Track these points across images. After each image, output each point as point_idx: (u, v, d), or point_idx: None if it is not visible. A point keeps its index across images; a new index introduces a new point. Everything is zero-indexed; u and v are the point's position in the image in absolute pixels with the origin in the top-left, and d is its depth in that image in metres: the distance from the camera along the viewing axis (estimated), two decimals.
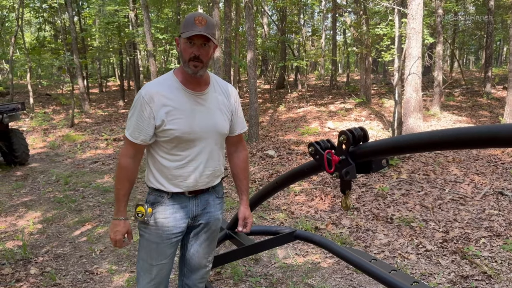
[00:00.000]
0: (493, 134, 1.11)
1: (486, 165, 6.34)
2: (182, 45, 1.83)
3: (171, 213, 1.97)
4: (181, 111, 1.86)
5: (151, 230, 1.97)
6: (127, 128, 1.92)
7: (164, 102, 1.84)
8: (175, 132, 1.85)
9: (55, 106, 16.80)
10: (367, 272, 2.28)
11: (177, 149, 1.91)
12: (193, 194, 2.00)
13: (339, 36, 27.53)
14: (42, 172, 7.66)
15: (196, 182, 1.97)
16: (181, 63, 1.90)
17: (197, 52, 1.80)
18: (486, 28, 15.85)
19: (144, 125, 1.85)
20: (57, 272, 3.66)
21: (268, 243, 2.82)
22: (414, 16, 7.41)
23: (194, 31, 1.76)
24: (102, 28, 16.06)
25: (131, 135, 1.88)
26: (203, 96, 1.93)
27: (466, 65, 35.50)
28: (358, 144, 1.67)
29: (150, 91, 1.85)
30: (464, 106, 12.59)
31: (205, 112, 1.93)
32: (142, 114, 1.84)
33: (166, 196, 1.97)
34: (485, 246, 3.89)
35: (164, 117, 1.83)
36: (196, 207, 2.03)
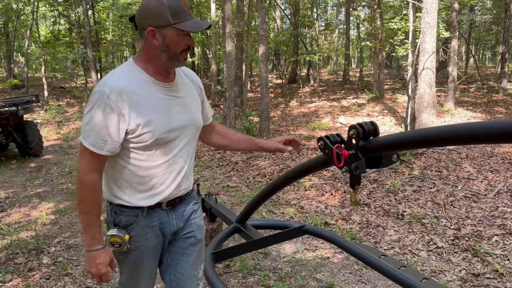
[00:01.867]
0: (504, 129, 1.08)
1: (500, 162, 6.23)
2: (172, 37, 1.54)
3: (151, 231, 1.70)
4: (155, 109, 1.57)
5: (133, 255, 1.70)
6: (85, 136, 1.53)
7: (135, 99, 1.52)
8: (153, 134, 1.56)
9: (69, 99, 17.00)
10: (376, 268, 2.27)
11: (154, 154, 1.62)
12: (170, 205, 1.73)
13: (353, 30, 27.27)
14: (55, 164, 7.77)
15: (177, 189, 1.71)
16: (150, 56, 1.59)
17: (191, 43, 1.60)
18: (502, 23, 15.52)
19: (111, 131, 1.50)
20: (69, 262, 3.71)
21: (277, 237, 2.82)
22: (429, 10, 7.29)
23: (196, 22, 1.56)
24: (116, 22, 16.16)
25: (94, 144, 1.51)
26: (173, 87, 1.66)
27: (482, 61, 34.90)
28: (369, 138, 1.66)
29: (115, 88, 1.50)
30: (479, 102, 12.39)
31: (180, 105, 1.67)
32: (108, 117, 1.49)
33: (141, 214, 1.66)
34: (498, 244, 3.84)
35: (138, 119, 1.53)
36: (177, 221, 1.76)
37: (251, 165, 7.15)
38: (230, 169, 7.06)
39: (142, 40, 1.59)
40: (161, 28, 1.53)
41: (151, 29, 1.53)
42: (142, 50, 1.61)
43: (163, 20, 1.51)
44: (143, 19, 1.55)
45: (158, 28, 1.53)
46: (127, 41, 19.46)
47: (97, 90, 1.51)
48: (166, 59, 1.58)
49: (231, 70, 9.40)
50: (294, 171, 2.28)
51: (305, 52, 17.27)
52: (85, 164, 1.55)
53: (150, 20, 1.53)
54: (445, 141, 1.40)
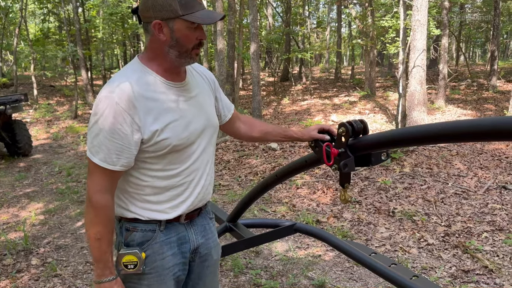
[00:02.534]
0: (491, 127, 1.08)
1: (490, 159, 6.28)
2: (182, 31, 1.36)
3: (169, 249, 1.50)
4: (171, 112, 1.41)
5: (150, 279, 1.49)
6: (94, 152, 1.34)
7: (148, 105, 1.36)
8: (171, 140, 1.39)
9: (59, 98, 16.83)
10: (367, 266, 2.27)
11: (171, 162, 1.45)
12: (188, 219, 1.56)
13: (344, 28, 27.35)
14: (45, 163, 7.69)
15: (197, 199, 1.54)
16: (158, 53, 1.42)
17: (203, 36, 1.41)
18: (492, 21, 15.66)
19: (125, 143, 1.33)
20: (58, 263, 3.67)
21: (268, 236, 2.81)
22: (419, 8, 7.32)
23: (208, 12, 1.37)
24: (106, 19, 16.03)
25: (106, 160, 1.33)
26: (186, 86, 1.49)
27: (472, 59, 35.21)
28: (358, 136, 1.65)
29: (126, 93, 1.32)
30: (469, 100, 12.48)
31: (194, 105, 1.50)
32: (121, 127, 1.31)
33: (158, 228, 1.48)
34: (487, 240, 3.87)
35: (154, 126, 1.36)
36: (196, 236, 1.58)
37: (243, 163, 7.13)
38: (222, 167, 7.04)
39: (148, 35, 1.41)
40: (169, 21, 1.34)
41: (158, 22, 1.35)
42: (149, 46, 1.43)
43: (171, 12, 1.32)
44: (148, 10, 1.35)
45: (166, 20, 1.34)
46: (117, 39, 19.29)
47: (103, 97, 1.32)
48: (176, 56, 1.40)
49: (223, 68, 9.37)
50: (284, 169, 2.27)
51: (297, 50, 17.28)
52: (96, 183, 1.35)
53: (156, 12, 1.34)
54: (433, 139, 1.40)
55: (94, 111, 1.34)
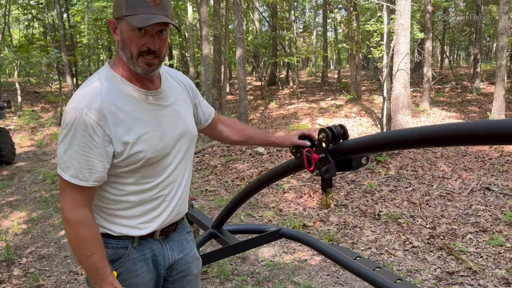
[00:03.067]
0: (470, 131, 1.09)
1: (474, 161, 6.37)
2: (127, 33, 1.26)
3: (143, 265, 1.43)
4: (144, 123, 1.32)
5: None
6: (64, 168, 1.25)
7: (119, 115, 1.27)
8: (145, 153, 1.31)
9: (43, 104, 16.62)
10: (351, 270, 2.27)
11: (144, 175, 1.36)
12: (164, 235, 1.48)
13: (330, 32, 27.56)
14: (28, 171, 7.57)
15: (172, 213, 1.47)
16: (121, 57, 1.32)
17: (153, 45, 1.27)
18: (475, 24, 15.93)
19: (97, 156, 1.24)
20: (41, 273, 3.60)
21: (254, 241, 2.79)
22: (402, 12, 7.41)
23: (149, 15, 1.22)
24: (91, 25, 15.91)
25: (77, 176, 1.24)
26: (160, 94, 1.40)
27: (456, 61, 35.73)
28: (338, 142, 1.65)
29: (94, 103, 1.23)
30: (453, 102, 12.66)
31: (170, 114, 1.42)
32: (91, 141, 1.23)
33: (131, 245, 1.40)
34: (471, 241, 3.91)
35: (126, 138, 1.28)
36: (172, 252, 1.51)
37: (229, 168, 7.11)
38: (209, 172, 7.01)
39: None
40: (119, 20, 1.27)
41: (111, 20, 1.30)
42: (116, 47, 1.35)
43: (119, 10, 1.26)
44: (113, 10, 1.33)
45: (117, 20, 1.28)
46: (103, 44, 19.15)
47: (71, 108, 1.23)
48: (126, 60, 1.31)
49: (209, 73, 9.35)
50: (267, 175, 2.26)
51: (284, 54, 17.34)
52: (68, 200, 1.27)
53: (114, 10, 1.31)
54: (412, 143, 1.41)
55: (63, 124, 1.25)
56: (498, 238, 3.86)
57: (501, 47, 8.69)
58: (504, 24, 8.62)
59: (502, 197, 4.94)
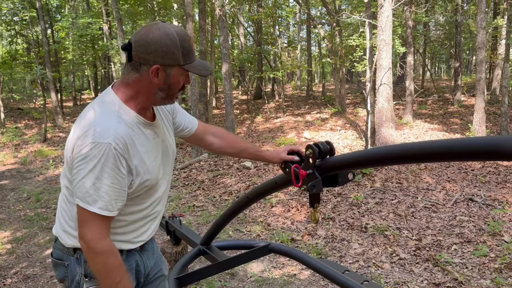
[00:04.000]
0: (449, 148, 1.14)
1: (457, 172, 6.50)
2: (177, 77, 1.39)
3: (130, 275, 1.53)
4: (149, 155, 1.44)
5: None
6: (91, 201, 1.29)
7: (136, 148, 1.38)
8: (151, 181, 1.45)
9: (27, 121, 16.40)
10: (340, 284, 2.29)
11: (142, 197, 1.48)
12: (140, 247, 1.60)
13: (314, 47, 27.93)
14: (12, 190, 7.45)
15: (155, 229, 1.63)
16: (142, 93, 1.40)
17: (188, 82, 1.45)
18: (454, 38, 16.37)
19: (122, 187, 1.34)
20: None
21: (242, 257, 2.80)
22: (384, 28, 7.60)
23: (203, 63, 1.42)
24: (76, 41, 15.87)
25: (107, 208, 1.30)
26: (156, 123, 1.52)
27: (437, 74, 36.51)
28: (325, 158, 1.70)
29: (120, 136, 1.31)
30: (436, 114, 12.91)
31: (165, 143, 1.56)
32: (119, 172, 1.31)
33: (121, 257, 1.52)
34: (457, 252, 3.98)
35: (139, 169, 1.39)
36: (149, 261, 1.66)
37: (217, 183, 7.11)
38: (196, 188, 7.00)
39: (136, 74, 1.37)
40: (169, 67, 1.36)
41: (157, 67, 1.34)
42: (132, 84, 1.39)
43: (173, 59, 1.35)
44: (149, 54, 1.33)
45: (165, 66, 1.35)
46: (88, 60, 19.09)
47: (97, 144, 1.27)
48: (162, 98, 1.42)
49: (195, 88, 9.40)
50: (255, 190, 2.29)
51: (269, 69, 17.52)
52: (95, 231, 1.30)
53: (158, 58, 1.33)
54: (396, 160, 1.46)
55: (86, 158, 1.27)
56: (482, 249, 3.93)
57: (480, 60, 8.96)
58: (482, 38, 8.90)
59: (485, 207, 5.05)
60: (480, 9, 8.83)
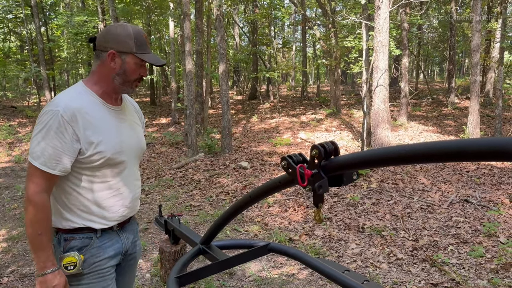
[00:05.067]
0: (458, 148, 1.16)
1: (452, 174, 6.55)
2: (131, 65, 1.64)
3: (105, 253, 1.71)
4: (107, 130, 1.64)
5: (91, 278, 1.68)
6: (35, 156, 1.52)
7: (89, 119, 1.58)
8: (106, 154, 1.61)
9: (21, 119, 16.27)
10: (340, 283, 2.30)
11: (104, 175, 1.66)
12: (120, 227, 1.78)
13: (309, 48, 28.01)
14: (7, 188, 7.39)
15: (130, 210, 1.79)
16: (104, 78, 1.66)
17: (144, 74, 1.70)
18: (448, 41, 16.49)
19: (64, 150, 1.53)
20: None
21: (242, 257, 2.79)
22: (381, 30, 7.64)
23: (155, 57, 1.68)
24: (71, 39, 15.77)
25: (46, 164, 1.51)
26: (121, 111, 1.76)
27: (431, 76, 36.76)
28: (330, 158, 1.71)
29: (69, 108, 1.54)
30: (430, 116, 13.01)
31: (128, 128, 1.76)
32: (62, 137, 1.52)
33: (95, 235, 1.68)
34: (453, 253, 4.01)
35: (92, 138, 1.57)
36: (127, 240, 1.83)
37: (214, 183, 7.11)
38: (193, 187, 6.99)
39: (98, 61, 1.66)
40: (123, 54, 1.62)
41: (113, 52, 1.62)
42: (96, 71, 1.67)
43: (126, 47, 1.62)
44: (106, 42, 1.62)
45: (120, 53, 1.62)
46: (82, 59, 18.98)
47: (49, 110, 1.53)
48: (120, 83, 1.66)
49: (192, 88, 9.39)
50: (258, 190, 2.29)
51: (265, 69, 17.53)
52: (35, 185, 1.53)
53: (113, 44, 1.62)
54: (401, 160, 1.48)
55: (38, 122, 1.53)
56: (478, 249, 3.97)
57: (474, 63, 9.03)
58: (477, 41, 8.98)
59: (481, 209, 5.10)
60: (475, 12, 8.91)
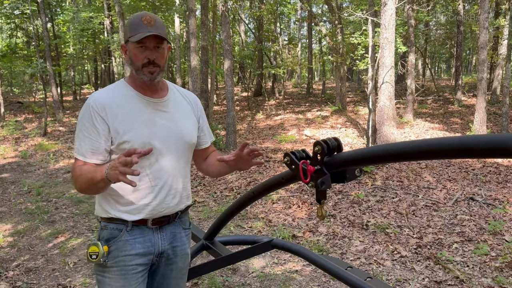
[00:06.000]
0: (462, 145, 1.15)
1: (457, 171, 6.51)
2: (132, 50, 1.60)
3: (132, 248, 1.63)
4: (137, 120, 1.60)
5: (112, 273, 1.63)
6: (77, 150, 1.59)
7: (118, 110, 1.59)
8: (132, 143, 1.57)
9: (27, 115, 16.38)
10: (343, 280, 2.30)
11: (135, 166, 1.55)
12: (157, 225, 1.68)
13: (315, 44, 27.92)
14: (13, 183, 7.44)
15: (161, 205, 1.66)
16: (132, 71, 1.66)
17: (151, 56, 1.59)
18: (455, 38, 16.36)
19: (99, 140, 1.56)
20: (29, 286, 3.55)
21: (246, 253, 2.81)
22: (387, 26, 7.59)
23: (144, 32, 1.56)
24: (77, 35, 15.81)
25: (81, 153, 1.57)
26: (163, 102, 1.69)
27: (437, 73, 36.52)
28: (333, 154, 1.70)
29: (99, 99, 1.59)
30: (436, 114, 12.93)
31: (167, 119, 1.67)
32: (95, 127, 1.56)
33: (125, 228, 1.63)
34: (458, 251, 3.99)
35: (119, 129, 1.57)
36: (162, 241, 1.70)
37: (218, 179, 7.12)
38: (197, 183, 7.00)
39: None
40: (127, 43, 1.64)
41: (123, 45, 1.68)
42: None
43: (126, 36, 1.64)
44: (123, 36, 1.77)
45: (126, 43, 1.65)
46: (88, 55, 19.04)
47: (84, 105, 1.62)
48: (135, 73, 1.64)
49: (197, 84, 9.39)
50: (261, 186, 2.29)
51: (270, 66, 17.50)
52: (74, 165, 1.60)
53: (123, 37, 1.75)
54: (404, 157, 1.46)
55: (78, 116, 1.63)
56: (483, 248, 3.95)
57: (481, 60, 8.96)
58: (484, 38, 8.90)
59: (486, 207, 5.07)
60: (482, 9, 8.83)
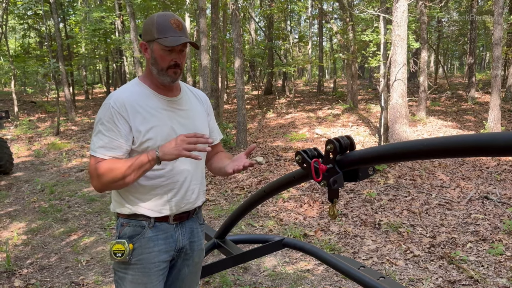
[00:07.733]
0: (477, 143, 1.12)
1: (471, 170, 6.42)
2: (158, 52, 1.62)
3: (155, 245, 1.68)
4: (157, 118, 1.64)
5: (136, 270, 1.67)
6: (93, 149, 1.59)
7: (137, 109, 1.61)
8: (154, 141, 1.61)
9: (40, 114, 16.59)
10: (356, 280, 2.28)
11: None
12: (177, 221, 1.74)
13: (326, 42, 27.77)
14: (26, 181, 7.54)
15: (182, 201, 1.72)
16: (149, 70, 1.68)
17: (178, 60, 1.64)
18: (469, 34, 16.12)
19: (120, 139, 1.58)
20: (42, 284, 3.59)
21: (257, 251, 2.80)
22: (399, 23, 7.51)
23: (176, 38, 1.58)
24: (89, 35, 15.95)
25: (103, 153, 1.57)
26: (178, 101, 1.74)
27: (450, 70, 36.06)
28: (345, 152, 1.68)
29: (119, 99, 1.60)
30: (449, 111, 12.77)
31: (184, 117, 1.73)
32: (116, 126, 1.57)
33: (148, 225, 1.67)
34: (472, 250, 3.93)
35: (140, 127, 1.60)
36: (183, 237, 1.76)
37: (229, 178, 7.12)
38: (208, 182, 7.01)
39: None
40: (150, 43, 1.64)
41: (143, 43, 1.67)
42: (146, 64, 1.73)
43: (150, 35, 1.62)
44: (142, 34, 1.68)
45: (148, 42, 1.65)
46: (100, 54, 19.20)
47: (103, 105, 1.63)
48: (156, 73, 1.66)
49: (207, 83, 9.40)
50: (272, 185, 2.28)
51: (281, 64, 17.45)
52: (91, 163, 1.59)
53: (144, 35, 1.66)
54: (420, 155, 1.44)
55: (96, 117, 1.63)
56: (498, 247, 3.88)
57: (496, 57, 8.82)
58: (498, 34, 8.75)
59: (501, 206, 4.99)
60: (497, 5, 8.68)
